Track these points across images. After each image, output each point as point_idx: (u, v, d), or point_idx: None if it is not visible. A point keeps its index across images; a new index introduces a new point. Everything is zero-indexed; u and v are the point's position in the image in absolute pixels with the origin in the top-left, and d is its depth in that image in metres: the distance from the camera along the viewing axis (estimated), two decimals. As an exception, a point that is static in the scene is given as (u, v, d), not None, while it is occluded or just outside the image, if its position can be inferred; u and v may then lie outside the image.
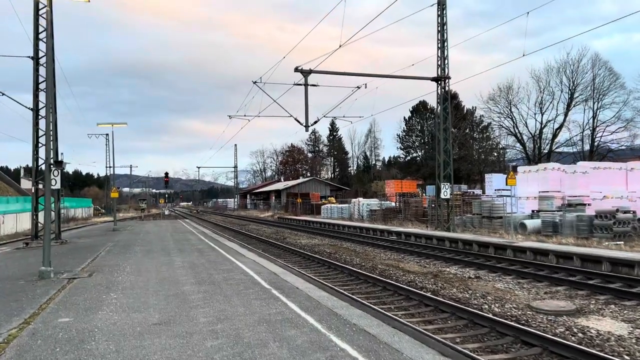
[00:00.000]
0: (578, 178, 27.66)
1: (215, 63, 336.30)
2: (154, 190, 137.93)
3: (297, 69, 22.12)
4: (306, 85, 22.76)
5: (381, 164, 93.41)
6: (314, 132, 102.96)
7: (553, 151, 53.43)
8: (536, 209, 25.17)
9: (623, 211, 19.51)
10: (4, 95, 21.44)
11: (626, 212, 19.52)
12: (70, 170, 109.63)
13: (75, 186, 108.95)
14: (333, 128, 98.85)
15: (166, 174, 58.53)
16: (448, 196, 24.48)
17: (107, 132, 52.51)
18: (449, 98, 25.47)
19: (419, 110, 71.35)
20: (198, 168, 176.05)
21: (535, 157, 52.38)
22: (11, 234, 29.22)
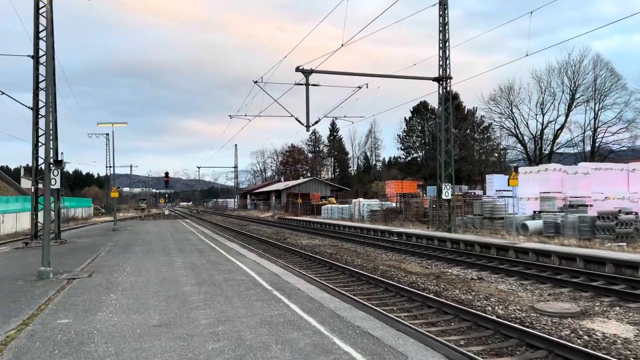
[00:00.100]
0: (579, 179, 27.58)
1: (215, 63, 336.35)
2: (154, 190, 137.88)
3: (299, 69, 22.05)
4: (307, 85, 22.68)
5: (381, 165, 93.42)
6: (315, 133, 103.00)
7: (554, 152, 53.37)
8: (537, 210, 25.09)
9: (625, 212, 19.43)
10: (4, 94, 21.39)
11: (629, 214, 19.45)
12: (70, 169, 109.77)
13: (75, 186, 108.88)
14: (333, 128, 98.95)
15: (166, 174, 58.51)
16: (449, 197, 24.40)
17: (107, 132, 52.58)
18: (451, 98, 25.39)
19: (420, 110, 71.30)
20: (198, 168, 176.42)
21: (536, 158, 52.29)
22: (11, 234, 29.13)
